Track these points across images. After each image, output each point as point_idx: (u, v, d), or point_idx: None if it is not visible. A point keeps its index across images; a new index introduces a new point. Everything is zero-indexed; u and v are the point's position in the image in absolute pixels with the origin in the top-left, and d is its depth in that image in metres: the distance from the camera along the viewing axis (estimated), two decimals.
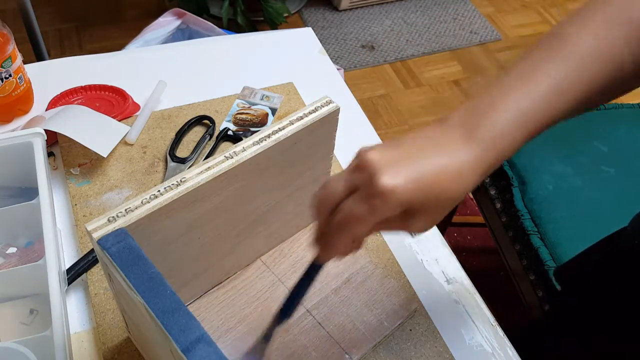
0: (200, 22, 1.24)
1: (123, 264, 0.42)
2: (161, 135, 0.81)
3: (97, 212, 0.71)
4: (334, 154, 0.64)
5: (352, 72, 2.08)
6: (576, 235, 0.96)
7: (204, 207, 0.51)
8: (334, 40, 2.20)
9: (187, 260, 0.55)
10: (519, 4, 2.46)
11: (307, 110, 0.55)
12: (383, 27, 2.27)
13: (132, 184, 0.74)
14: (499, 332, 0.65)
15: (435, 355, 0.61)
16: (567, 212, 0.98)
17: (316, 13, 2.32)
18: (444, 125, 0.43)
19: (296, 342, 0.59)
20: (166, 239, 0.50)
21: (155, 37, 1.22)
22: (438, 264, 0.70)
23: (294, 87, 0.90)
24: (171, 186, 0.47)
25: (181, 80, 0.90)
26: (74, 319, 0.62)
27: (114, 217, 0.45)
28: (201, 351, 0.38)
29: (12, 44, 0.78)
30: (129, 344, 0.60)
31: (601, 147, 1.07)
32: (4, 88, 0.78)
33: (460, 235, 1.60)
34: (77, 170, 0.75)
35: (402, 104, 1.99)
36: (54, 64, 0.93)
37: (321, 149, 0.60)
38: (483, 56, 2.19)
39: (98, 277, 0.65)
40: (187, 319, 0.39)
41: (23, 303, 0.63)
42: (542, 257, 0.95)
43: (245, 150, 0.51)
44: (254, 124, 0.84)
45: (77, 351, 0.60)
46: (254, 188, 0.55)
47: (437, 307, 0.66)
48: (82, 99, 0.85)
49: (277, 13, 2.03)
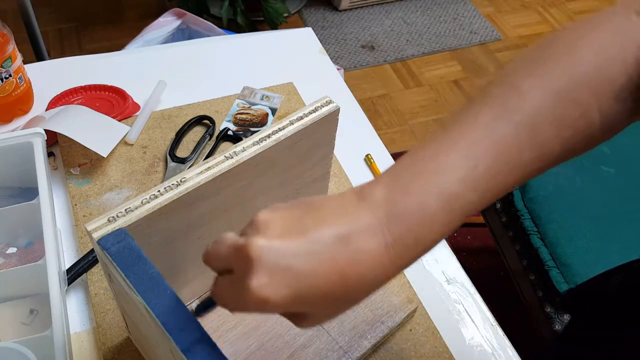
0: (200, 22, 1.24)
1: (123, 264, 0.42)
2: (161, 135, 0.81)
3: (97, 212, 0.71)
4: (334, 154, 0.64)
5: (352, 72, 2.08)
6: (576, 235, 0.96)
7: (204, 207, 0.51)
8: (334, 40, 2.20)
9: (187, 260, 0.55)
10: (519, 4, 2.46)
11: (307, 110, 0.55)
12: (383, 27, 2.27)
13: (132, 184, 0.74)
14: (499, 332, 0.65)
15: (435, 355, 0.61)
16: (567, 212, 0.98)
17: (316, 13, 2.32)
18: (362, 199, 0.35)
19: (296, 342, 0.59)
20: (166, 239, 0.50)
21: (155, 37, 1.22)
22: (438, 263, 0.70)
23: (294, 87, 0.90)
24: (171, 186, 0.47)
25: (181, 80, 0.90)
26: (74, 319, 0.62)
27: (114, 217, 0.45)
28: (201, 351, 0.38)
29: (12, 44, 0.78)
30: (129, 344, 0.60)
31: (601, 147, 1.07)
32: (4, 88, 0.78)
33: (460, 235, 1.60)
34: (77, 170, 0.75)
35: (402, 104, 1.99)
36: (54, 64, 0.93)
37: (321, 149, 0.60)
38: (483, 56, 2.19)
39: (98, 277, 0.65)
40: (187, 319, 0.39)
41: (23, 303, 0.63)
42: (542, 257, 0.95)
43: (245, 150, 0.51)
44: (254, 124, 0.84)
45: (77, 351, 0.60)
46: (254, 188, 0.55)
47: (437, 307, 0.66)
48: (82, 99, 0.85)
49: (277, 13, 2.03)
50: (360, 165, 0.81)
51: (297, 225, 0.34)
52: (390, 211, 0.34)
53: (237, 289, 0.34)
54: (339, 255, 0.33)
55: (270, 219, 0.35)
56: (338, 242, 0.33)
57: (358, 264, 0.33)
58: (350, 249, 0.33)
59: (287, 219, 0.35)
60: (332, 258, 0.33)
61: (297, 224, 0.34)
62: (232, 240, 0.35)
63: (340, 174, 0.79)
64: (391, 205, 0.34)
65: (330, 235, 0.34)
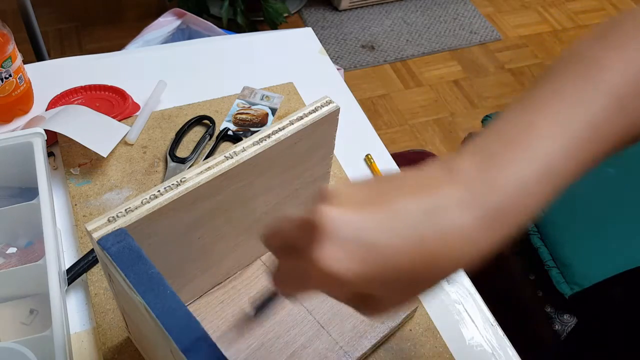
0: (200, 22, 1.24)
1: (123, 264, 0.42)
2: (161, 135, 0.81)
3: (97, 212, 0.71)
4: (334, 154, 0.64)
5: (352, 72, 2.08)
6: (576, 235, 0.96)
7: (204, 207, 0.51)
8: (334, 40, 2.20)
9: (187, 260, 0.55)
10: (519, 4, 2.46)
11: (307, 110, 0.55)
12: (383, 27, 2.27)
13: (132, 184, 0.74)
14: (499, 332, 0.65)
15: (435, 355, 0.61)
16: (567, 212, 0.98)
17: (316, 13, 2.32)
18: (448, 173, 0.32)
19: (296, 342, 0.59)
20: (166, 239, 0.50)
21: (155, 37, 1.22)
22: None
23: (294, 87, 0.90)
24: (171, 186, 0.47)
25: (181, 80, 0.90)
26: (74, 319, 0.62)
27: (114, 217, 0.45)
28: (201, 351, 0.38)
29: (12, 44, 0.78)
30: (129, 344, 0.60)
31: None
32: (4, 88, 0.78)
33: None
34: (77, 170, 0.75)
35: (402, 104, 1.99)
36: (54, 64, 0.93)
37: (321, 149, 0.60)
38: (483, 56, 2.19)
39: (98, 277, 0.65)
40: (187, 319, 0.39)
41: (23, 303, 0.63)
42: (542, 257, 0.95)
43: (245, 150, 0.51)
44: (254, 124, 0.84)
45: (77, 351, 0.60)
46: (254, 188, 0.55)
47: (437, 307, 0.66)
48: (82, 99, 0.85)
49: (277, 13, 2.03)
50: (360, 165, 0.81)
51: (377, 196, 0.31)
52: (483, 183, 0.31)
53: (303, 267, 0.31)
54: (427, 231, 0.30)
55: (343, 189, 0.32)
56: (426, 216, 0.30)
57: (448, 240, 0.30)
58: (439, 224, 0.30)
59: (364, 189, 0.32)
60: (419, 233, 0.30)
61: (377, 194, 0.31)
62: (299, 215, 0.32)
63: (340, 174, 0.79)
64: (485, 176, 0.31)
65: (416, 209, 0.30)
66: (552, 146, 0.32)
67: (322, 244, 0.30)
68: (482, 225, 0.31)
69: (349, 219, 0.30)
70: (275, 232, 0.34)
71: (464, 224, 0.30)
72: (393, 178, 0.33)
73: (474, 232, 0.31)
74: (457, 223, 0.30)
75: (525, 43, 2.27)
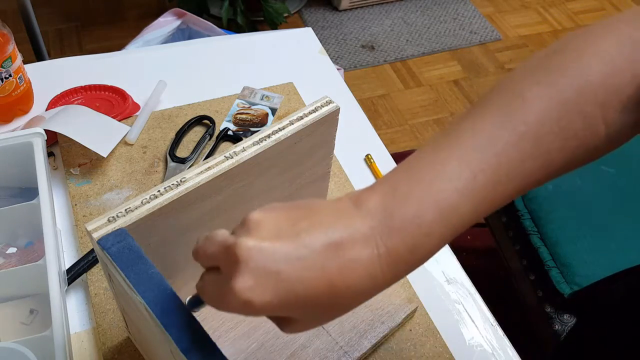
0: (200, 22, 1.24)
1: (123, 264, 0.42)
2: (161, 135, 0.81)
3: (97, 212, 0.71)
4: (334, 154, 0.64)
5: (352, 72, 2.08)
6: (576, 235, 0.96)
7: (204, 207, 0.51)
8: (334, 40, 2.20)
9: (187, 260, 0.55)
10: (519, 4, 2.46)
11: (307, 110, 0.55)
12: (383, 27, 2.27)
13: (132, 184, 0.74)
14: (499, 332, 0.65)
15: (435, 355, 0.61)
16: (567, 212, 0.98)
17: (316, 13, 2.32)
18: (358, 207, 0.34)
19: (296, 342, 0.59)
20: (166, 239, 0.50)
21: (155, 37, 1.22)
22: (438, 264, 0.70)
23: (294, 87, 0.90)
24: (171, 186, 0.47)
25: (181, 80, 0.90)
26: (74, 319, 0.62)
27: (114, 217, 0.45)
28: (201, 351, 0.38)
29: (12, 44, 0.78)
30: (129, 344, 0.60)
31: None
32: (4, 88, 0.78)
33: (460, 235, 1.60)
34: (77, 170, 0.75)
35: (402, 104, 1.99)
36: (54, 64, 0.93)
37: (321, 149, 0.60)
38: (483, 56, 2.19)
39: (98, 277, 0.65)
40: (187, 319, 0.39)
41: (23, 303, 0.63)
42: (542, 257, 0.95)
43: (245, 150, 0.51)
44: (254, 124, 0.84)
45: (77, 351, 0.60)
46: (254, 188, 0.55)
47: (437, 307, 0.66)
48: (82, 99, 0.85)
49: (277, 13, 2.03)
50: (360, 165, 0.81)
51: (290, 228, 0.33)
52: (385, 221, 0.33)
53: (222, 288, 0.33)
54: (329, 263, 0.32)
55: (263, 219, 0.34)
56: (329, 250, 0.32)
57: (348, 274, 0.32)
58: (341, 258, 0.32)
59: (280, 220, 0.34)
60: (322, 265, 0.32)
61: (290, 226, 0.33)
62: (222, 238, 0.34)
63: (340, 174, 0.79)
64: (386, 215, 0.33)
65: (321, 242, 0.33)
66: (453, 187, 0.33)
67: (238, 273, 0.32)
68: (381, 262, 0.33)
69: (263, 249, 0.32)
70: (202, 251, 0.36)
71: (364, 260, 0.32)
72: (310, 207, 0.35)
73: (373, 268, 0.33)
74: (358, 258, 0.32)
75: (525, 43, 2.27)
